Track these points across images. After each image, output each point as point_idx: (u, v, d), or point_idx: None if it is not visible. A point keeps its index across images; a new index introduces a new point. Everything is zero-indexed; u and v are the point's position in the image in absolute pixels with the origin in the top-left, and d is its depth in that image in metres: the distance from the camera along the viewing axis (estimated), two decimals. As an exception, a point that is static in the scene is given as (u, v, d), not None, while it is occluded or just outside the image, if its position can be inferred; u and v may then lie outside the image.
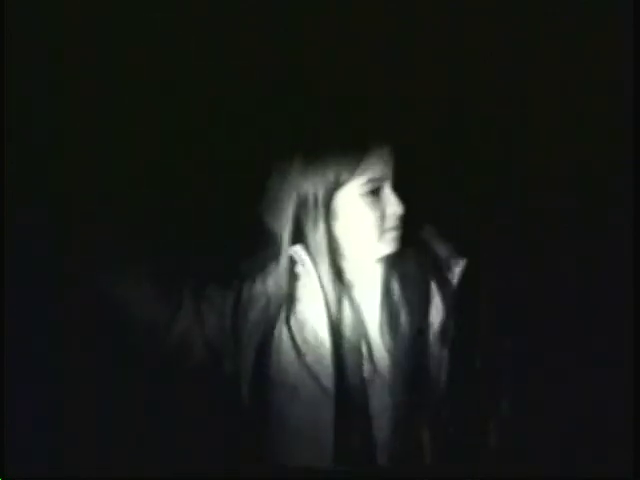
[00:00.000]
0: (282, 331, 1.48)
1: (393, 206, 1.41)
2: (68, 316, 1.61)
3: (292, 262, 1.48)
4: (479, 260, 1.51)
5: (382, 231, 1.42)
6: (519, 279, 1.63)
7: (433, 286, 1.45)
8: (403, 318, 1.43)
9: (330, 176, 1.39)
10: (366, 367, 1.44)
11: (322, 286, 1.45)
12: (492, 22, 1.88)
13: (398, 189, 1.41)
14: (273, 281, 1.49)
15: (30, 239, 1.62)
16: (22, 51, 1.71)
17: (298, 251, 1.46)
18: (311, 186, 1.40)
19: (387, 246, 1.44)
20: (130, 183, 1.68)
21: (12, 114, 1.67)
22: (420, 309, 1.44)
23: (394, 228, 1.43)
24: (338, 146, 1.39)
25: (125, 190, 1.66)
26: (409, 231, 1.44)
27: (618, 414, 1.73)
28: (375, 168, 1.39)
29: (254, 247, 1.54)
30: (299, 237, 1.45)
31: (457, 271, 1.45)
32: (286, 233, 1.45)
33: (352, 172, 1.38)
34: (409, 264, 1.46)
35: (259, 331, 1.48)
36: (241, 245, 1.57)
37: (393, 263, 1.47)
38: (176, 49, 1.83)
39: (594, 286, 1.86)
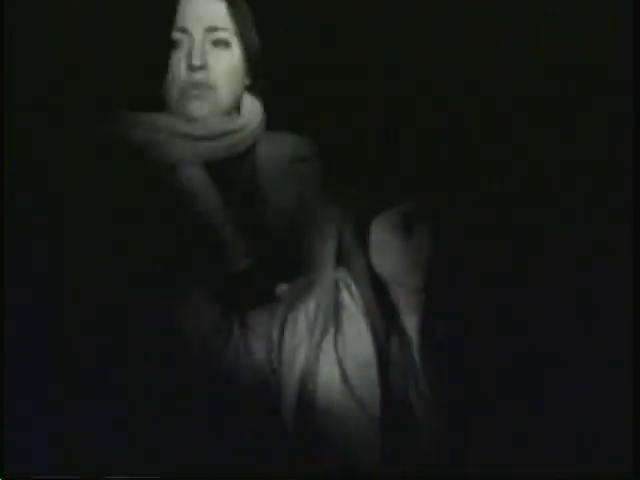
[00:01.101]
0: (328, 356, 1.46)
1: (424, 246, 1.40)
2: (68, 316, 1.61)
3: (336, 287, 1.47)
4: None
5: (414, 264, 1.42)
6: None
7: None
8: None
9: (368, 203, 1.41)
10: (412, 393, 1.44)
11: (368, 311, 1.45)
12: (492, 22, 1.88)
13: (433, 230, 1.41)
14: (317, 306, 1.47)
15: (30, 239, 1.62)
16: (22, 51, 1.71)
17: (344, 276, 1.46)
18: (352, 211, 1.44)
19: (417, 279, 1.42)
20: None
21: (12, 114, 1.67)
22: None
23: (422, 264, 1.42)
24: (381, 175, 1.45)
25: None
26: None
27: (618, 414, 1.73)
28: (412, 203, 1.41)
29: (298, 272, 1.52)
30: (341, 262, 1.46)
31: None
32: (330, 257, 1.46)
33: (389, 201, 1.40)
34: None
35: (303, 357, 1.46)
36: (283, 270, 1.54)
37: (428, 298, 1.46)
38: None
39: (594, 288, 1.86)
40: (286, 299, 1.51)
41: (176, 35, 1.54)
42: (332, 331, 1.47)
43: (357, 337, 1.46)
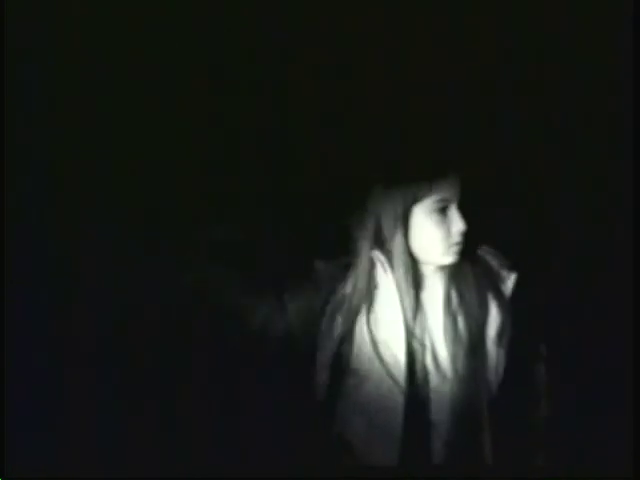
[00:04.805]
0: (362, 327, 1.67)
1: (458, 224, 1.60)
2: (69, 317, 1.61)
3: (371, 266, 1.67)
4: (530, 274, 1.66)
5: (448, 245, 1.61)
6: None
7: (489, 295, 1.65)
8: (462, 323, 1.64)
9: (409, 195, 1.61)
10: (429, 362, 1.64)
11: (399, 289, 1.64)
12: (492, 21, 1.88)
13: (463, 209, 1.61)
14: (354, 282, 1.69)
15: (30, 239, 1.62)
16: (22, 50, 1.72)
17: (379, 255, 1.65)
18: (392, 202, 1.62)
19: (449, 258, 1.62)
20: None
21: (12, 114, 1.67)
22: (478, 315, 1.65)
23: (457, 243, 1.61)
24: (416, 173, 1.62)
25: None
26: (469, 246, 1.63)
27: (618, 414, 1.73)
28: (445, 190, 1.60)
29: (335, 251, 1.70)
30: (378, 245, 1.65)
31: (510, 283, 1.65)
32: (367, 240, 1.65)
33: (426, 192, 1.60)
34: (467, 275, 1.67)
35: (340, 325, 1.68)
36: (321, 247, 1.74)
37: (454, 273, 1.67)
38: (178, 48, 1.84)
39: (594, 287, 1.86)
40: (325, 277, 1.71)
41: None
42: (366, 306, 1.68)
43: (387, 312, 1.66)
